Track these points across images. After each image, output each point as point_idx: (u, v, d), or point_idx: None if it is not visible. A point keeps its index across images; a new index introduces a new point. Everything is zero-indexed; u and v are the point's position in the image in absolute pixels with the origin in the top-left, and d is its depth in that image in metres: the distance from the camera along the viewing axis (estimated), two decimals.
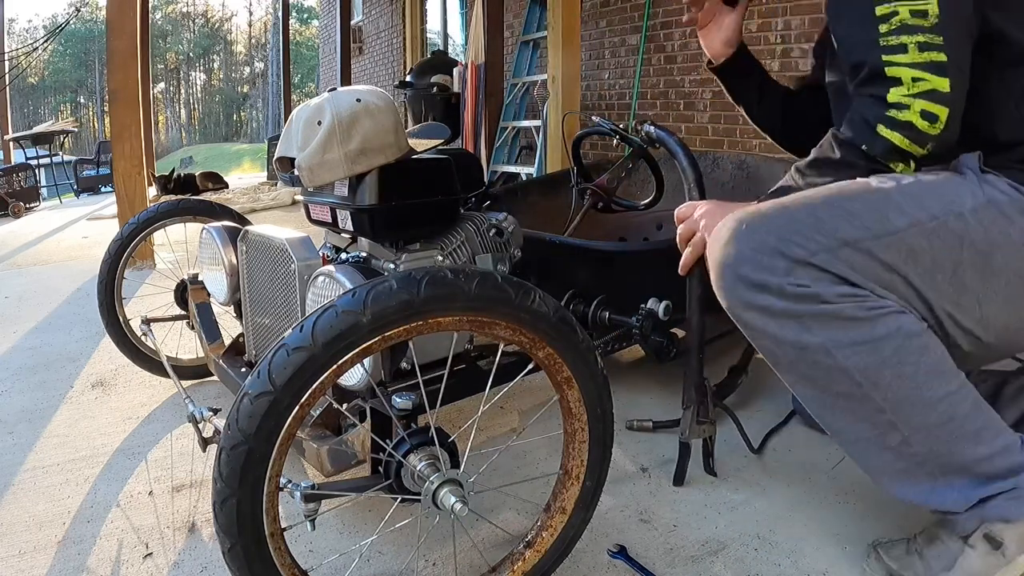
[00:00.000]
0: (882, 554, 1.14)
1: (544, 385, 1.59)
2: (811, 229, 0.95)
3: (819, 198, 0.99)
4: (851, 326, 0.95)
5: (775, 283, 0.95)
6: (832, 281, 0.95)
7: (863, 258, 0.95)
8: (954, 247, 0.97)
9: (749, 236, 0.98)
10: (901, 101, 0.96)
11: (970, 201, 0.98)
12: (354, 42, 10.19)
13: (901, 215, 0.97)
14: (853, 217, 0.96)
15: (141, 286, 2.79)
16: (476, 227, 1.49)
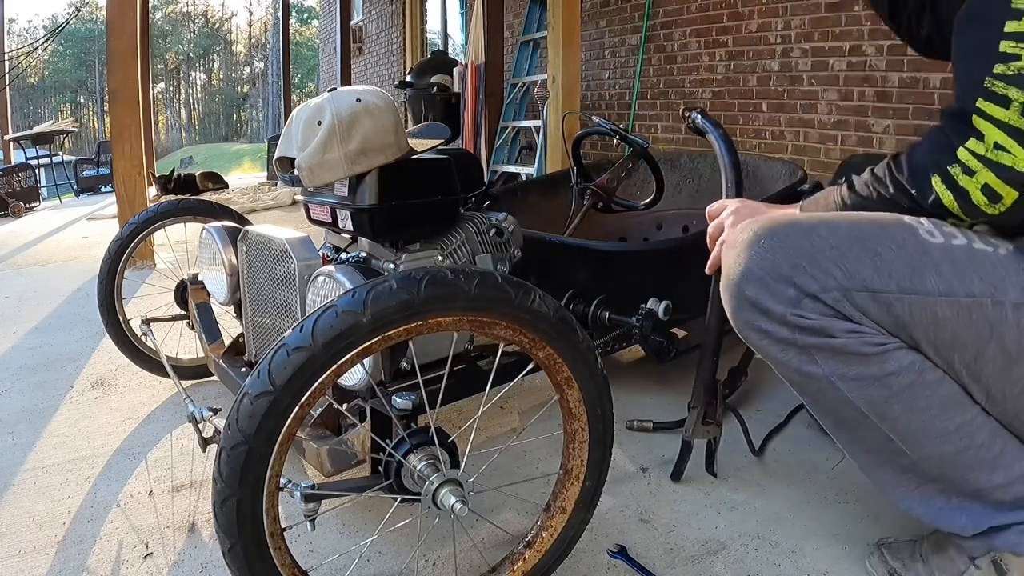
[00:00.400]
0: (886, 554, 1.14)
1: (544, 385, 1.59)
2: (830, 263, 0.87)
3: (850, 229, 0.90)
4: (858, 361, 0.90)
5: (779, 311, 0.90)
6: (839, 318, 0.89)
7: (878, 308, 0.88)
8: (982, 333, 0.87)
9: (763, 255, 0.90)
10: (968, 163, 0.83)
11: (1015, 294, 0.87)
12: (354, 42, 10.19)
13: (937, 277, 0.87)
14: (881, 263, 0.87)
15: (141, 286, 2.79)
16: (476, 227, 1.49)
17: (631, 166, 2.03)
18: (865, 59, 3.30)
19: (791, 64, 3.69)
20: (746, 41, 3.96)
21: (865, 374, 0.90)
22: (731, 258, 0.95)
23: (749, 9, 3.92)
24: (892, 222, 0.90)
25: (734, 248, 0.95)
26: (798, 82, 3.67)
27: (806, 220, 0.92)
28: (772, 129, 3.82)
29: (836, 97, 3.47)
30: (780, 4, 3.73)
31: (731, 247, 0.96)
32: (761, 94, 3.89)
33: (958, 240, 0.89)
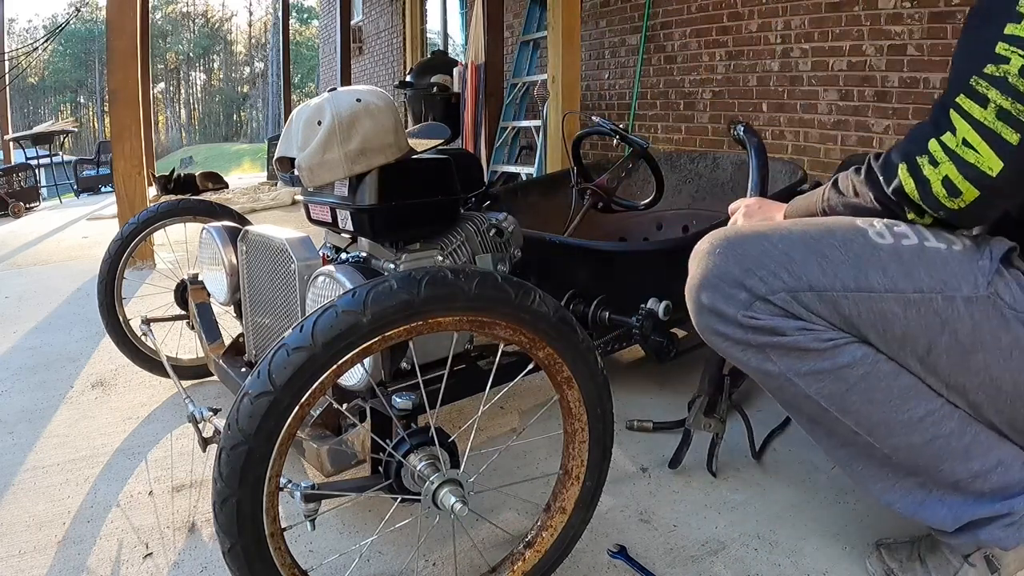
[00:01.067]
0: (884, 554, 1.14)
1: (544, 385, 1.59)
2: (779, 266, 0.91)
3: (801, 234, 0.94)
4: (810, 356, 0.93)
5: (732, 314, 0.93)
6: (788, 317, 0.92)
7: (825, 306, 0.91)
8: (933, 327, 0.90)
9: (716, 261, 0.95)
10: (936, 155, 0.84)
11: (967, 289, 0.89)
12: (354, 42, 10.19)
13: (882, 276, 0.90)
14: (827, 263, 0.91)
15: (141, 286, 2.79)
16: (476, 227, 1.49)
17: (631, 166, 2.03)
18: (865, 59, 3.30)
19: (791, 64, 3.69)
20: (746, 41, 3.96)
21: (818, 368, 0.93)
22: (692, 268, 0.99)
23: (749, 9, 3.92)
24: (842, 226, 0.94)
25: (695, 258, 0.99)
26: (798, 82, 3.67)
27: (761, 228, 0.96)
28: (772, 129, 3.82)
29: (836, 97, 3.47)
30: (780, 4, 3.73)
31: (693, 257, 0.99)
32: (761, 94, 3.89)
33: (909, 240, 0.91)
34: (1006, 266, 0.91)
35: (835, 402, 0.95)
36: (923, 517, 1.02)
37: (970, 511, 0.98)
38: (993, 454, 0.97)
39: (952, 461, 0.96)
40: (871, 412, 0.95)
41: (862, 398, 0.94)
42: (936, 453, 0.96)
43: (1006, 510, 0.97)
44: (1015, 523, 0.97)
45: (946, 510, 1.00)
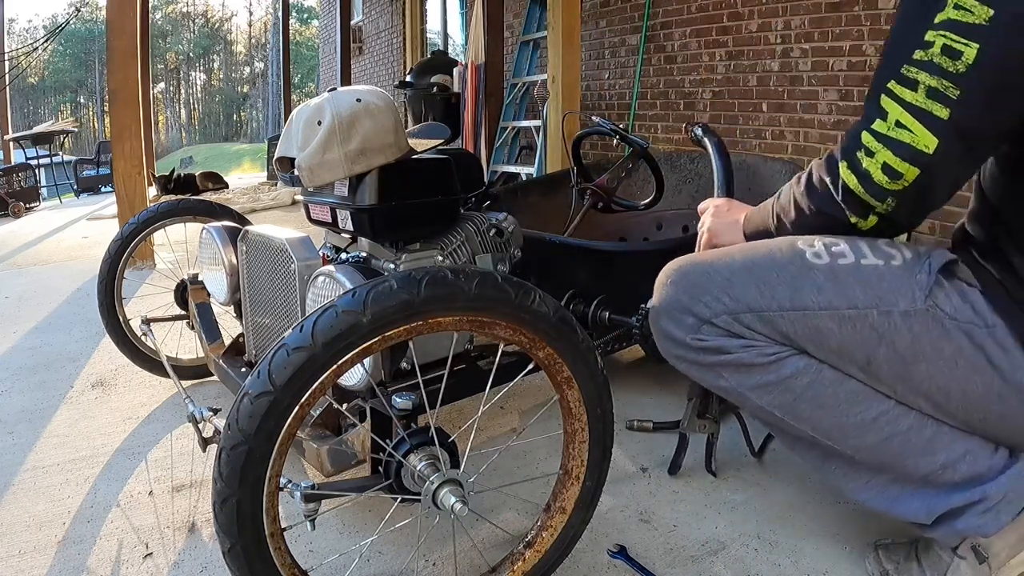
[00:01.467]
0: (882, 555, 1.14)
1: (544, 385, 1.59)
2: (720, 291, 0.98)
3: (742, 260, 0.99)
4: (756, 371, 0.99)
5: (681, 337, 1.01)
6: (732, 337, 0.98)
7: (764, 325, 0.97)
8: (869, 341, 0.93)
9: (669, 291, 1.02)
10: (870, 145, 0.86)
11: (904, 303, 0.91)
12: (354, 42, 10.18)
13: (816, 294, 0.94)
14: (764, 286, 0.96)
15: (141, 286, 2.79)
16: (476, 227, 1.49)
17: (631, 166, 2.03)
18: (865, 59, 3.30)
19: (791, 64, 3.69)
20: (746, 41, 3.96)
21: (765, 381, 0.99)
22: (653, 297, 1.07)
23: (749, 9, 3.92)
24: (782, 249, 0.98)
25: (656, 288, 1.06)
26: (798, 82, 3.67)
27: (708, 257, 1.03)
28: (772, 129, 3.82)
29: (836, 97, 3.47)
30: (780, 4, 3.73)
31: (655, 287, 1.07)
32: (761, 94, 3.89)
33: (845, 259, 0.94)
34: (947, 277, 0.92)
35: (787, 411, 1.00)
36: (899, 512, 1.03)
37: (943, 502, 0.99)
38: (958, 445, 0.97)
39: (916, 456, 0.98)
40: (822, 417, 0.99)
41: (811, 405, 0.98)
42: (897, 450, 0.98)
43: (979, 496, 0.98)
44: (991, 508, 0.97)
45: (919, 503, 1.01)
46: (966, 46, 0.79)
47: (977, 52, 0.78)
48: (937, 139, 0.82)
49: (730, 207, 1.18)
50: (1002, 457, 0.98)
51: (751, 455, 1.54)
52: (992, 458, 0.98)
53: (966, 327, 0.90)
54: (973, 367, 0.90)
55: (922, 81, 0.82)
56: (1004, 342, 0.88)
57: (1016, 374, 0.88)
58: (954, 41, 0.79)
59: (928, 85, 0.81)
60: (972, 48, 0.79)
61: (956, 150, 0.82)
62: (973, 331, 0.89)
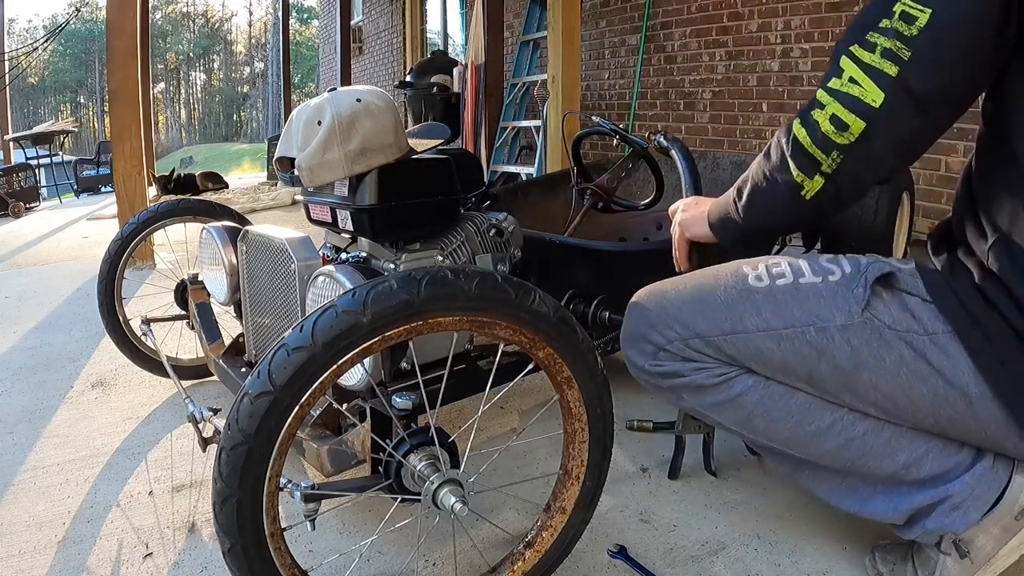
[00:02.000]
0: (878, 558, 1.15)
1: (544, 385, 1.59)
2: (672, 320, 1.04)
3: (692, 290, 1.05)
4: (709, 391, 1.05)
5: (642, 364, 1.08)
6: (684, 361, 1.04)
7: (711, 348, 1.02)
8: (809, 357, 0.96)
9: (630, 321, 1.10)
10: (822, 99, 0.89)
11: (840, 318, 0.94)
12: (354, 42, 10.19)
13: (755, 317, 0.99)
14: (708, 312, 1.02)
15: (141, 286, 2.79)
16: (476, 227, 1.49)
17: (631, 166, 2.03)
18: None
19: (791, 64, 3.69)
20: (746, 41, 3.96)
21: (718, 400, 1.05)
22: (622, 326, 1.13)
23: (749, 9, 3.92)
24: (727, 275, 1.04)
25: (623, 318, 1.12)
26: (798, 82, 3.67)
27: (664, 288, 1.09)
28: (772, 129, 3.82)
29: None
30: (780, 4, 3.73)
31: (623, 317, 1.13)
32: (761, 94, 3.89)
33: (784, 280, 1.00)
34: (886, 288, 0.95)
35: (743, 426, 1.06)
36: (869, 512, 1.06)
37: (908, 501, 1.02)
38: (917, 445, 0.99)
39: (877, 458, 1.00)
40: (778, 429, 1.03)
41: (764, 420, 1.03)
42: (857, 453, 1.00)
43: (943, 495, 0.99)
44: (958, 506, 0.99)
45: (886, 502, 1.03)
46: (921, 11, 0.82)
47: (929, 16, 0.82)
48: (884, 93, 0.85)
49: (698, 202, 1.21)
50: (968, 454, 0.99)
51: (750, 455, 1.54)
52: (957, 455, 0.99)
53: (906, 336, 0.92)
54: (916, 375, 0.92)
55: (879, 43, 0.85)
56: (947, 348, 0.90)
57: (960, 378, 0.90)
58: (911, 7, 0.83)
59: (883, 47, 0.85)
60: (925, 13, 0.82)
61: (902, 106, 0.85)
62: (914, 339, 0.91)
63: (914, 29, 0.83)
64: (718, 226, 1.12)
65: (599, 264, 1.73)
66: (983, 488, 0.98)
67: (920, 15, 0.82)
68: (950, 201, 0.94)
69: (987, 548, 0.98)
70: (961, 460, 0.99)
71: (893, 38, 0.84)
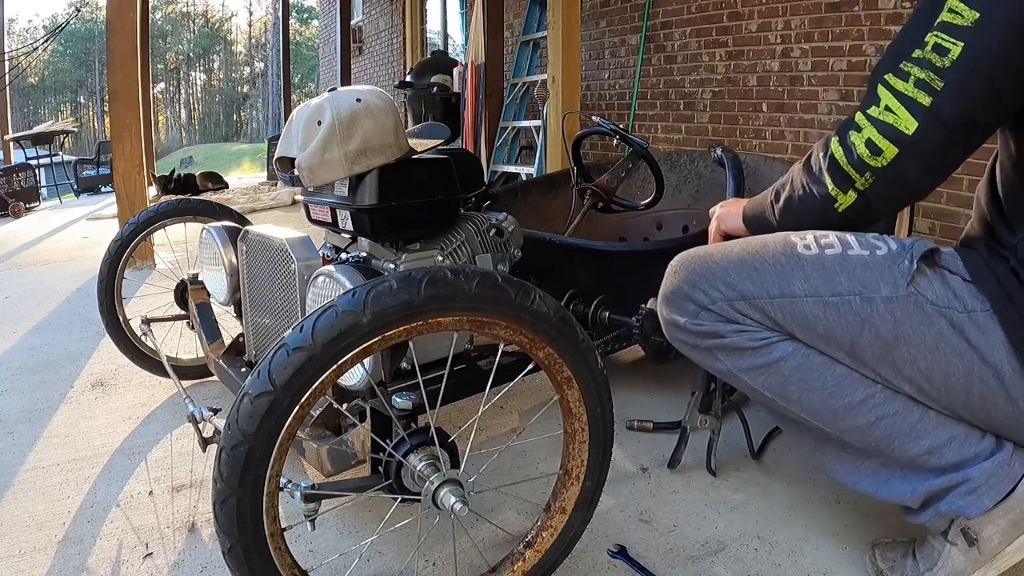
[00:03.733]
0: (878, 555, 1.15)
1: (544, 385, 1.59)
2: (718, 280, 1.04)
3: (739, 252, 1.06)
4: (748, 354, 1.05)
5: (683, 322, 1.07)
6: (726, 322, 1.05)
7: (755, 311, 1.03)
8: (853, 325, 0.98)
9: (672, 281, 1.10)
10: (860, 123, 0.94)
11: (886, 290, 0.96)
12: (354, 42, 10.18)
13: (803, 282, 1.00)
14: (756, 275, 1.02)
15: (141, 286, 2.79)
16: (476, 227, 1.49)
17: (631, 166, 2.03)
18: (865, 59, 3.30)
19: (791, 64, 3.69)
20: (746, 41, 3.96)
21: (756, 363, 1.05)
22: (662, 286, 1.13)
23: (749, 9, 3.92)
24: (776, 243, 1.04)
25: (664, 278, 1.13)
26: (798, 82, 3.67)
27: (708, 249, 1.10)
28: (772, 129, 3.82)
29: (836, 97, 3.47)
30: (780, 4, 3.73)
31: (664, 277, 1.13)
32: (761, 94, 3.89)
33: (833, 250, 1.01)
34: (929, 265, 0.97)
35: (778, 392, 1.06)
36: (885, 495, 1.06)
37: (926, 484, 1.03)
38: (943, 431, 1.01)
39: (902, 440, 1.01)
40: (812, 399, 1.04)
41: (800, 387, 1.04)
42: (884, 433, 1.02)
43: (961, 479, 1.01)
44: (974, 491, 1.00)
45: (905, 485, 1.05)
46: (953, 44, 0.86)
47: (961, 49, 0.86)
48: (917, 122, 0.89)
49: (736, 200, 1.26)
50: (989, 444, 1.01)
51: (751, 456, 1.54)
52: (978, 445, 1.01)
53: (947, 312, 0.94)
54: (954, 350, 0.94)
55: (914, 74, 0.90)
56: (984, 326, 0.93)
57: (994, 355, 0.93)
58: (944, 40, 0.87)
59: (917, 77, 0.89)
60: (958, 46, 0.86)
61: (934, 134, 0.89)
62: (953, 316, 0.94)
63: (946, 61, 0.87)
64: (752, 222, 1.16)
65: (599, 264, 1.73)
66: (999, 477, 1.00)
67: (952, 48, 0.86)
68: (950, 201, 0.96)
69: (994, 541, 0.99)
70: (982, 449, 1.01)
71: (926, 68, 0.88)
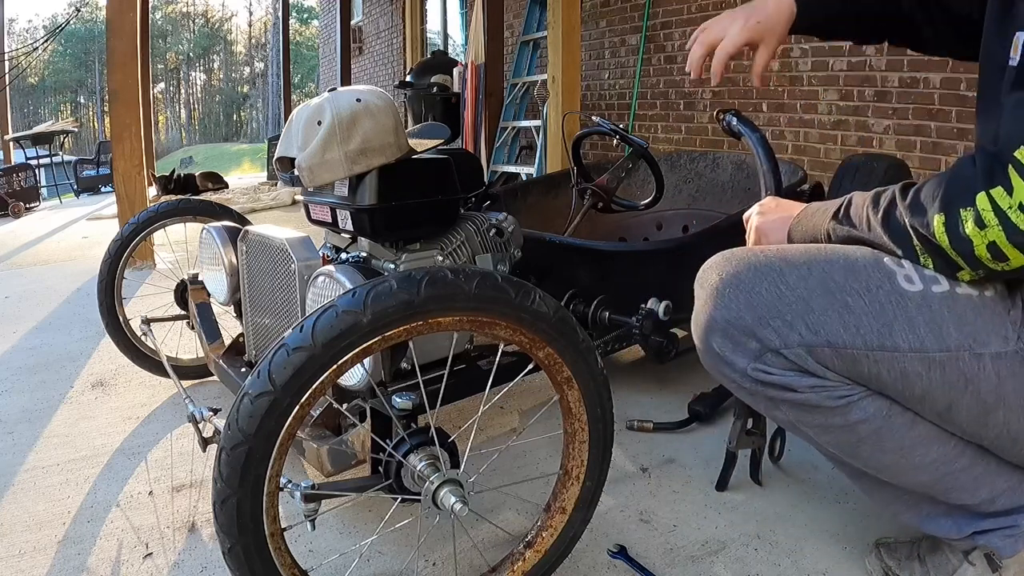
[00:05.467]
0: (883, 553, 1.14)
1: (544, 385, 1.59)
2: (795, 317, 0.83)
3: (820, 276, 0.85)
4: (821, 413, 0.88)
5: (741, 365, 0.88)
6: (801, 373, 0.86)
7: (842, 362, 0.84)
8: (956, 386, 0.83)
9: (726, 303, 0.87)
10: (984, 214, 0.74)
11: (996, 344, 0.82)
12: (354, 42, 10.19)
13: (909, 334, 0.82)
14: (849, 316, 0.82)
15: (141, 286, 2.79)
16: (476, 227, 1.49)
17: (631, 166, 2.03)
18: (865, 59, 3.30)
19: (791, 64, 3.69)
20: None
21: (829, 424, 0.89)
22: (700, 301, 0.92)
23: None
24: (867, 266, 0.85)
25: (702, 286, 0.92)
26: (798, 82, 3.67)
27: (776, 263, 0.87)
28: (772, 129, 3.82)
29: (836, 97, 3.47)
30: None
31: (700, 283, 0.93)
32: (761, 94, 3.89)
33: (939, 287, 0.83)
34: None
35: (845, 450, 0.93)
36: (930, 529, 1.03)
37: (974, 525, 1.00)
38: (1001, 480, 0.97)
39: (960, 491, 0.96)
40: (882, 459, 0.92)
41: (873, 448, 0.90)
42: (945, 486, 0.95)
43: (1008, 523, 0.98)
44: (1015, 535, 0.98)
45: (951, 523, 1.01)
46: None
47: None
48: None
49: (779, 204, 1.04)
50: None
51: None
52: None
53: None
54: None
55: None
56: None
57: None
58: None
59: None
60: None
61: None
62: None
63: None
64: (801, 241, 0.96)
65: (599, 264, 1.73)
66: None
67: None
68: None
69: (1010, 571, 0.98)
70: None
71: None
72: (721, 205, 2.32)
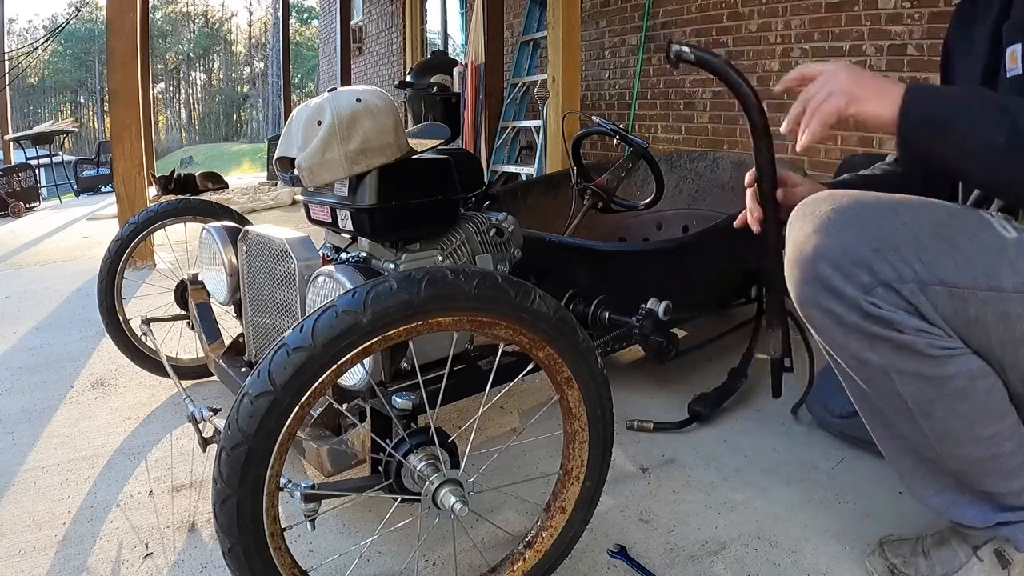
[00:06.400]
0: (887, 551, 1.14)
1: (544, 385, 1.59)
2: (911, 253, 0.82)
3: (931, 217, 0.84)
4: (919, 360, 0.87)
5: (851, 295, 0.84)
6: (911, 313, 0.84)
7: (952, 304, 0.83)
8: None
9: (839, 234, 0.85)
10: None
11: None
12: (354, 42, 10.19)
13: (1012, 274, 0.82)
14: (960, 256, 0.82)
15: (141, 286, 2.79)
16: (476, 227, 1.49)
17: (631, 166, 2.03)
18: (865, 59, 3.30)
19: (791, 64, 3.69)
20: (746, 41, 3.96)
21: (923, 372, 0.87)
22: (806, 232, 0.88)
23: (749, 9, 3.92)
24: (968, 211, 0.85)
25: (808, 217, 0.88)
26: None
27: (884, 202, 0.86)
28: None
29: None
30: (780, 4, 3.73)
31: (801, 221, 0.89)
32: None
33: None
34: None
35: (922, 405, 0.91)
36: (955, 517, 1.03)
37: (999, 515, 1.00)
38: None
39: (996, 477, 0.96)
40: (950, 422, 0.91)
41: (948, 409, 0.90)
42: (987, 469, 0.95)
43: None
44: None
45: (976, 512, 1.01)
46: None
47: None
48: None
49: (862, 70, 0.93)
50: None
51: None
52: None
53: None
54: None
55: None
56: None
57: None
58: None
59: None
60: None
61: None
62: None
63: None
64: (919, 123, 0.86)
65: (599, 264, 1.73)
66: None
67: None
68: None
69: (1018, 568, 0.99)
70: None
71: None
72: (721, 205, 2.32)
